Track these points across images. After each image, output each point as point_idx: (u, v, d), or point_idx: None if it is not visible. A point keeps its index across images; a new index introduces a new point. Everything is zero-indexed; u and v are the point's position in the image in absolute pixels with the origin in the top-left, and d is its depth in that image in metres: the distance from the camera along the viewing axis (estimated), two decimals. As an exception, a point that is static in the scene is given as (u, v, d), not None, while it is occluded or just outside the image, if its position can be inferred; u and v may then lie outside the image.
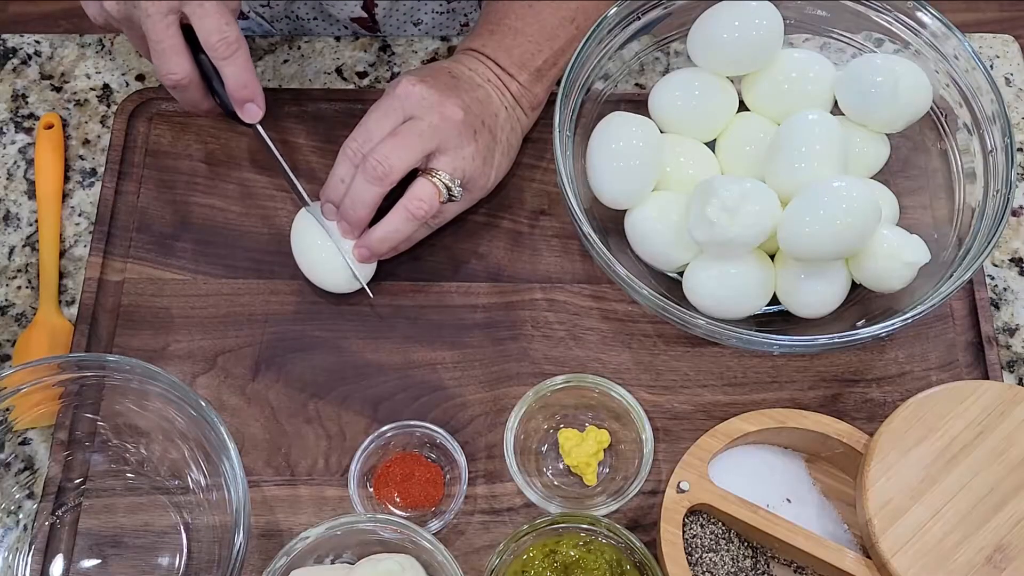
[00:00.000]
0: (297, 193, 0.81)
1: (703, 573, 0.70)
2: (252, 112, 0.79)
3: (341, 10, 0.96)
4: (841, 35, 0.83)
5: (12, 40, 0.93)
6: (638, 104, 0.82)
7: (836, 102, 0.80)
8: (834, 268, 0.75)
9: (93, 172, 0.87)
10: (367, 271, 0.80)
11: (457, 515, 0.74)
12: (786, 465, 0.75)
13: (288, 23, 0.99)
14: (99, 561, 0.74)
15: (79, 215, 0.86)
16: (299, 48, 0.92)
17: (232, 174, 0.86)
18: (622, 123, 0.77)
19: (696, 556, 0.70)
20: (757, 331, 0.72)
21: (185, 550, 0.74)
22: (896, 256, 0.73)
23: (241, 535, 0.66)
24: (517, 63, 0.82)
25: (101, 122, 0.90)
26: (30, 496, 0.75)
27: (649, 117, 0.80)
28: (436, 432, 0.75)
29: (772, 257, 0.78)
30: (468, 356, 0.80)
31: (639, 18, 0.81)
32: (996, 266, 0.85)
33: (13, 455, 0.75)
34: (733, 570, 0.71)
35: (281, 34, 0.99)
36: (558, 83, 0.79)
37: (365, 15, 0.96)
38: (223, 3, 0.76)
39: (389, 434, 0.75)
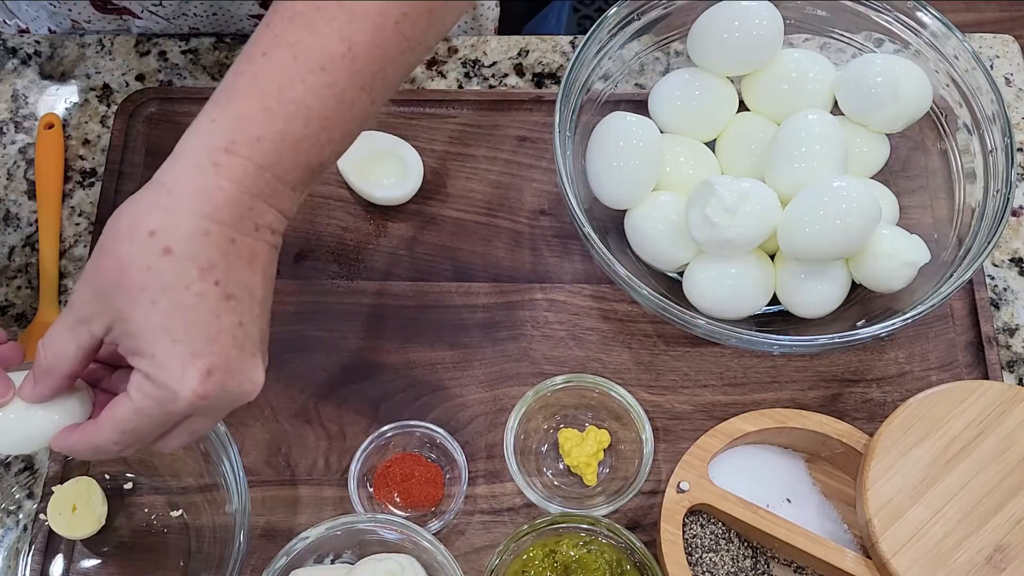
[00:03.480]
0: None
1: (703, 573, 0.70)
2: None
3: (239, 8, 0.92)
4: (841, 35, 0.83)
5: (12, 40, 0.93)
6: (638, 104, 0.82)
7: (836, 102, 0.80)
8: (834, 268, 0.75)
9: (93, 172, 0.87)
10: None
11: (457, 515, 0.74)
12: (786, 465, 0.75)
13: (186, 20, 0.92)
14: (99, 561, 0.74)
15: (79, 215, 0.86)
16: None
17: (232, 174, 0.86)
18: (622, 123, 0.77)
19: (696, 556, 0.70)
20: (757, 331, 0.72)
21: (185, 550, 0.74)
22: (896, 256, 0.73)
23: (241, 535, 0.66)
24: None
25: (101, 122, 0.90)
26: (30, 496, 0.75)
27: (649, 117, 0.80)
28: (436, 432, 0.75)
29: (772, 257, 0.78)
30: (468, 356, 0.80)
31: (639, 18, 0.81)
32: (996, 266, 0.85)
33: (13, 455, 0.75)
34: (733, 570, 0.71)
35: (181, 32, 0.94)
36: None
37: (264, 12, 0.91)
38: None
39: (389, 434, 0.75)
